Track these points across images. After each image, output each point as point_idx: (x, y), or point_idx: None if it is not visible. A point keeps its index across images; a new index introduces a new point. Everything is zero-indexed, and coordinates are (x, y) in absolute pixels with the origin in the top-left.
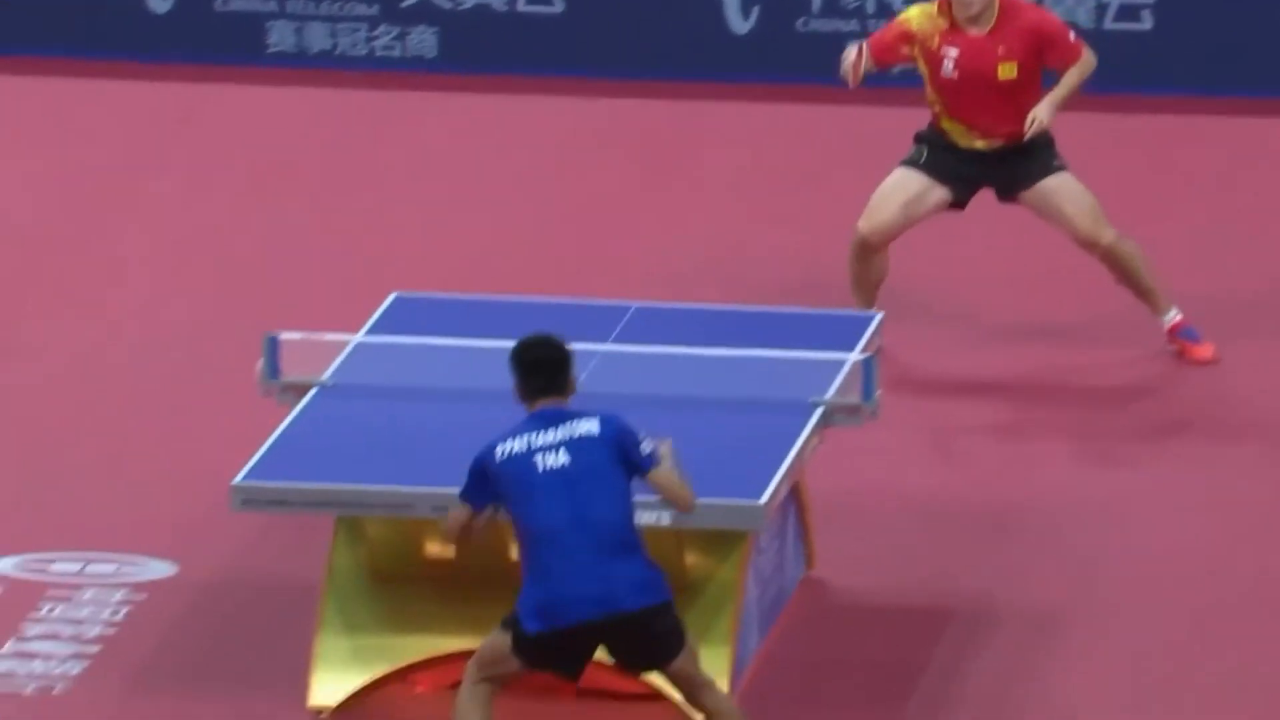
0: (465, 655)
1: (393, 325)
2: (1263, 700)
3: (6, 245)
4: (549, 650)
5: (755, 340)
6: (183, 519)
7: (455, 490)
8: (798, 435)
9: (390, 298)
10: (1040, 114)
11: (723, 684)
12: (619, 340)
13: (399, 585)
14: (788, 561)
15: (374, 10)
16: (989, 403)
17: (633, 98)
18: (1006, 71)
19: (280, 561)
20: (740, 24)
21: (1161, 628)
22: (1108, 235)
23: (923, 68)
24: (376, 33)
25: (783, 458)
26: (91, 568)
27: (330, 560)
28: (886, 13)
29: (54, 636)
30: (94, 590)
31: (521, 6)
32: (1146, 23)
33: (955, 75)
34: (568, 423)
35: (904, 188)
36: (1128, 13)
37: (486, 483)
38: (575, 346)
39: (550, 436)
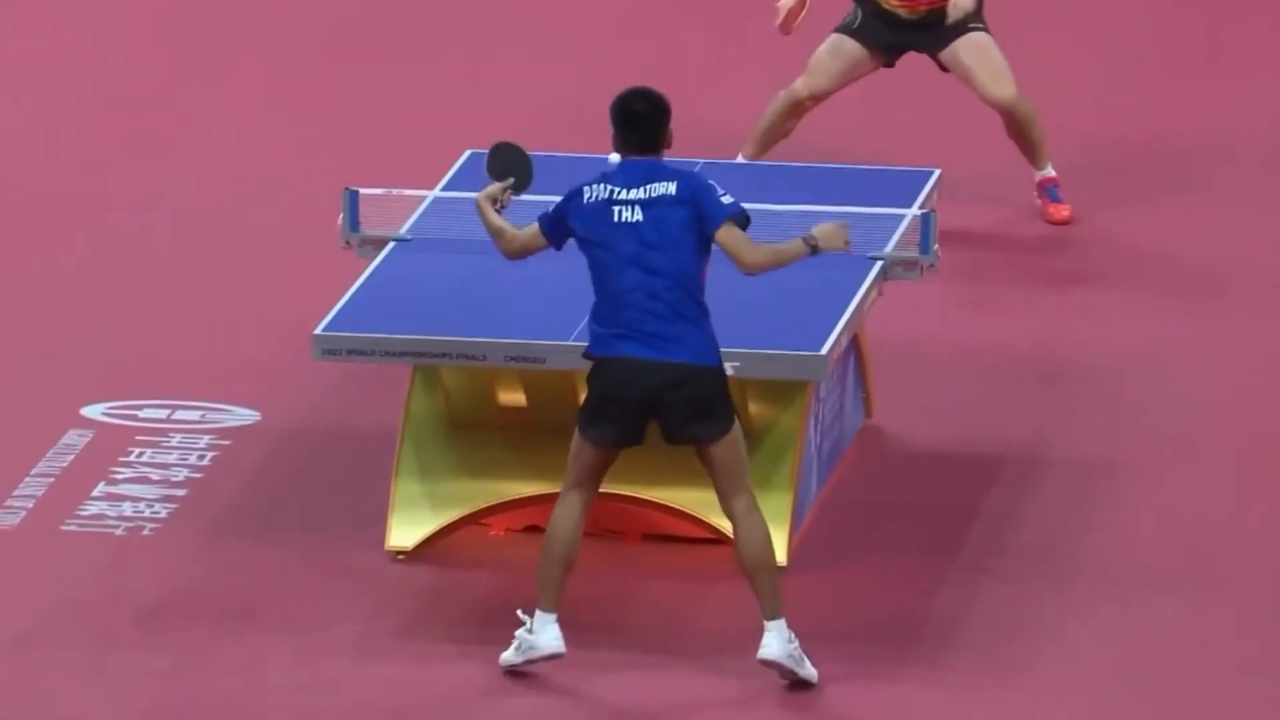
0: (537, 499)
1: (467, 181)
2: None
3: (100, 103)
4: (607, 401)
5: (817, 196)
6: (265, 368)
7: (528, 341)
8: (857, 288)
9: (465, 154)
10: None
11: (783, 526)
12: None
13: (473, 433)
14: (847, 410)
15: None
16: (1042, 258)
17: None
18: None
19: (359, 410)
20: None
21: (1207, 473)
22: (1007, 93)
23: None
24: None
25: (842, 310)
26: (178, 414)
27: (407, 408)
28: None
29: (143, 480)
30: (180, 436)
31: None
32: None
33: None
34: (651, 182)
35: (840, 53)
36: None
37: (565, 220)
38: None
39: (631, 192)
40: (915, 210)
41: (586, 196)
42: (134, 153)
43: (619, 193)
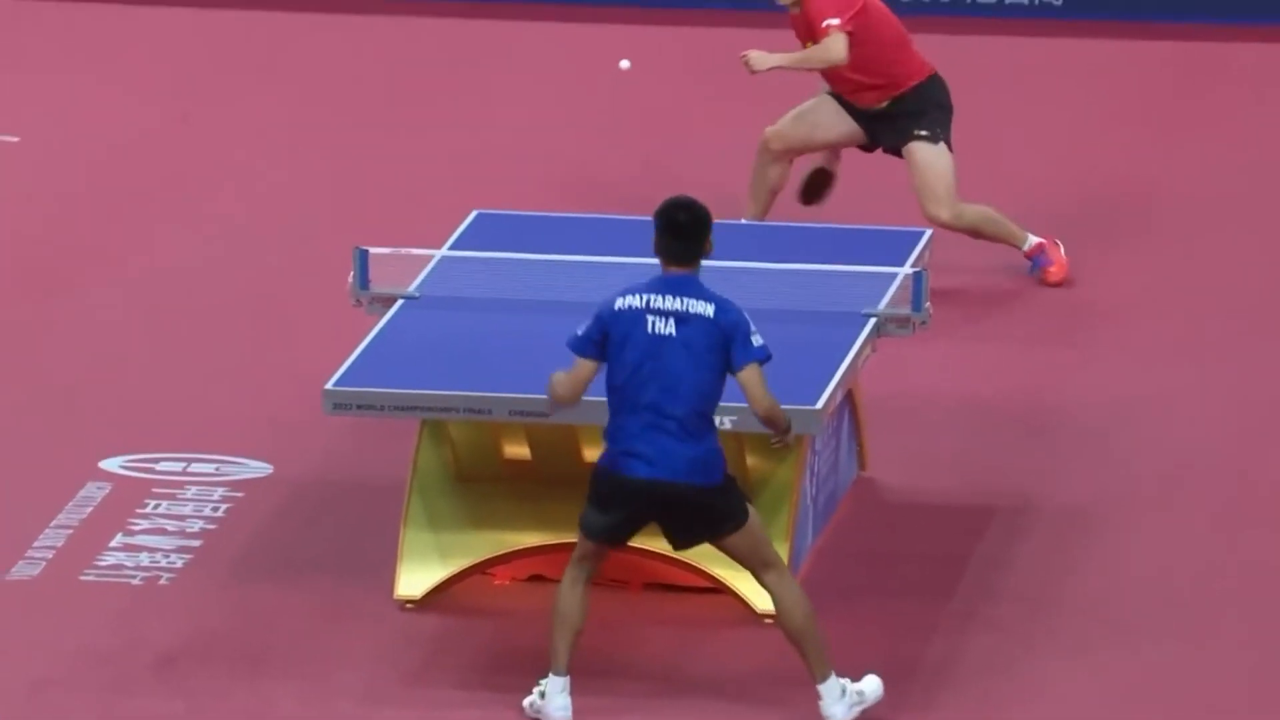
0: (540, 550)
1: (474, 241)
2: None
3: (121, 159)
4: (607, 501)
5: (813, 255)
6: (278, 421)
7: (532, 396)
8: (852, 344)
9: (471, 215)
10: (752, 56)
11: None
12: None
13: (479, 485)
14: (842, 463)
15: None
16: (1029, 313)
17: (697, 25)
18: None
19: (368, 462)
20: None
21: (1190, 522)
22: (944, 216)
23: None
24: None
25: (837, 366)
26: (194, 467)
27: (415, 461)
28: None
29: (159, 531)
30: (196, 488)
31: None
32: None
33: (801, 46)
34: (688, 297)
35: (815, 110)
36: None
37: (599, 331)
38: (639, 261)
39: (667, 303)
40: (908, 269)
41: (619, 305)
42: (152, 209)
43: (654, 301)
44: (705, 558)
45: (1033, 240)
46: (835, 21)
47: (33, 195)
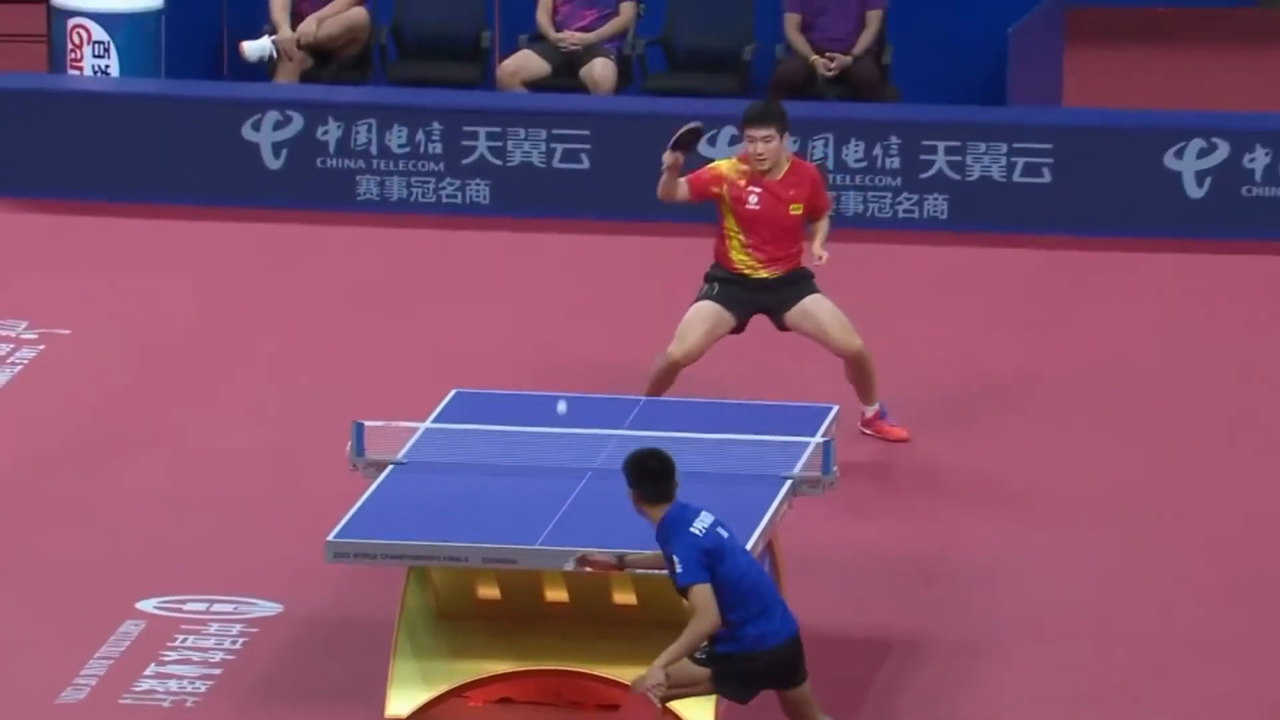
0: (509, 676)
1: (453, 415)
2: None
3: (154, 351)
4: (766, 673)
5: (737, 427)
6: (287, 568)
7: (502, 545)
8: (771, 502)
9: (451, 393)
10: (825, 253)
11: (710, 702)
12: (631, 427)
13: (457, 621)
14: None
15: (440, 167)
16: (925, 475)
17: (647, 236)
18: (795, 209)
19: (364, 602)
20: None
21: (1058, 654)
22: (857, 343)
23: (728, 204)
24: (442, 185)
25: (759, 520)
26: (215, 607)
27: (403, 601)
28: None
29: (186, 661)
30: (217, 625)
31: (556, 163)
32: (1046, 177)
33: (758, 208)
34: (701, 512)
35: (705, 318)
36: (1031, 169)
37: (708, 552)
38: (594, 432)
39: (706, 519)
40: (819, 438)
41: (696, 529)
42: (177, 392)
43: (699, 521)
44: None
45: (878, 405)
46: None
47: (81, 380)
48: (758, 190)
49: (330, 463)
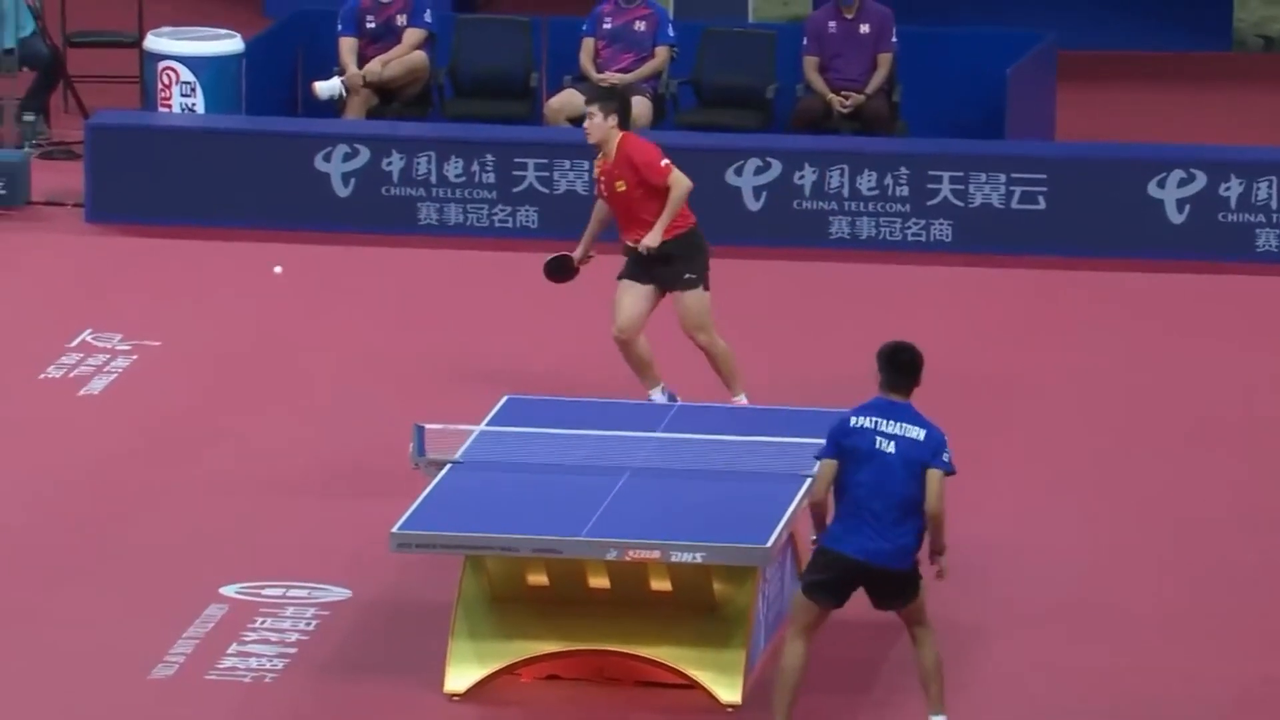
0: (557, 655)
1: (505, 419)
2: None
3: (234, 360)
4: (829, 572)
5: (764, 430)
6: (356, 557)
7: (550, 537)
8: (793, 497)
9: (503, 399)
10: (646, 241)
11: (739, 674)
12: (667, 429)
13: (509, 604)
14: (787, 587)
15: (493, 195)
16: None
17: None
18: (620, 186)
19: (425, 588)
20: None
21: (1046, 638)
22: (701, 340)
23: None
24: (495, 211)
25: (783, 513)
26: (291, 592)
27: (460, 586)
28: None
29: (264, 641)
30: (293, 608)
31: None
32: (1041, 204)
33: (601, 185)
34: (905, 423)
35: (626, 292)
36: (1028, 197)
37: (840, 442)
38: (633, 434)
39: (890, 427)
40: None
41: (854, 423)
42: (261, 396)
43: (882, 424)
44: (683, 660)
45: (744, 398)
46: (667, 162)
47: (169, 386)
48: (604, 172)
49: (392, 462)
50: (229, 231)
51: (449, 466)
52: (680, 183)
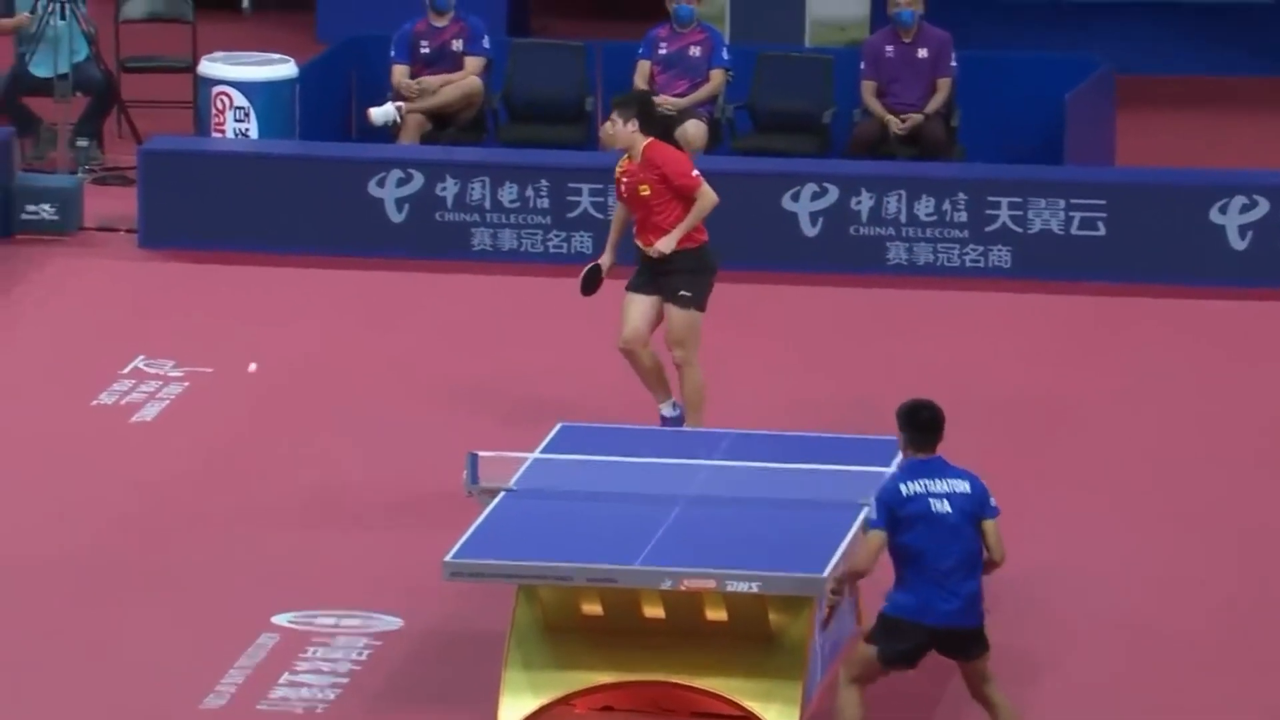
0: (611, 687)
1: (559, 446)
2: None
3: (287, 387)
4: (909, 642)
5: (817, 458)
6: (409, 586)
7: (604, 565)
8: (850, 526)
9: (558, 426)
10: (660, 245)
11: (795, 706)
12: (721, 457)
13: (563, 634)
14: (843, 618)
15: (547, 220)
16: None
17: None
18: (644, 190)
19: (478, 617)
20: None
21: (1093, 665)
22: (677, 355)
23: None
24: (549, 236)
25: (839, 543)
26: (343, 621)
27: (513, 616)
28: None
29: (316, 671)
30: (345, 638)
31: None
32: (1101, 230)
33: (623, 188)
34: (948, 478)
35: (632, 303)
36: (1087, 223)
37: (891, 511)
38: (687, 462)
39: (939, 486)
40: (892, 467)
41: (905, 491)
42: (313, 422)
43: (931, 486)
44: (737, 692)
45: (667, 409)
46: (697, 173)
47: (221, 413)
48: (626, 173)
49: (445, 489)
50: (282, 257)
51: (502, 494)
52: (708, 195)
